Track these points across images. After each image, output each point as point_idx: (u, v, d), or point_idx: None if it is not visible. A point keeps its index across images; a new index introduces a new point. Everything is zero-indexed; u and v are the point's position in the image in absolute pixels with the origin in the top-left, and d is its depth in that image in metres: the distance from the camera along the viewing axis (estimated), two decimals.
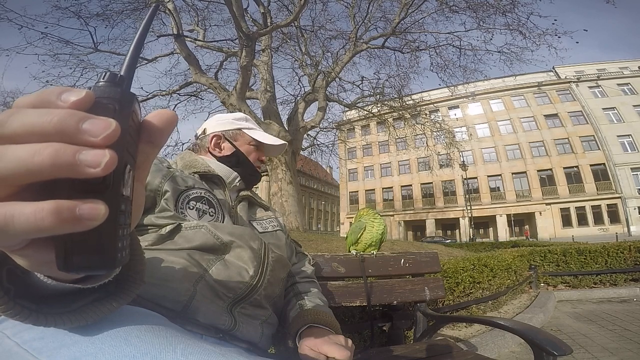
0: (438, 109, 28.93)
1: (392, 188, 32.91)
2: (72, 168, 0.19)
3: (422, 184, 31.37)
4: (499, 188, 28.87)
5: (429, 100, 25.89)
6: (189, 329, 0.56)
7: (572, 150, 26.82)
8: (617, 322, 2.64)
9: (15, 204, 0.18)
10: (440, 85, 10.52)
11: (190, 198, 0.69)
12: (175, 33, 7.71)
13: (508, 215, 27.49)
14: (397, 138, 11.79)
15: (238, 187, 0.87)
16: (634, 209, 23.97)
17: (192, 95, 10.35)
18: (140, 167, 0.26)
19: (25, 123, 0.19)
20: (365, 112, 11.75)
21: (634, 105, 26.10)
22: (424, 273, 1.43)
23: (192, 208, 0.68)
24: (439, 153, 13.70)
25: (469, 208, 23.43)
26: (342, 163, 25.58)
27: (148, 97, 9.38)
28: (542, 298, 3.27)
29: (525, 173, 27.92)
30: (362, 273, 1.29)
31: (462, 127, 27.78)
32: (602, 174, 25.67)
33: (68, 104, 0.20)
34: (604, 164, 25.65)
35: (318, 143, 11.92)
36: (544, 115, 28.60)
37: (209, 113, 10.75)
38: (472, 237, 22.34)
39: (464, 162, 20.88)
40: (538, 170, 27.56)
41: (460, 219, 28.97)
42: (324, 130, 11.89)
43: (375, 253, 1.37)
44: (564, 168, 26.74)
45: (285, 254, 0.82)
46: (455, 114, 29.89)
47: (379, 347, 1.36)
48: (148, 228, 0.64)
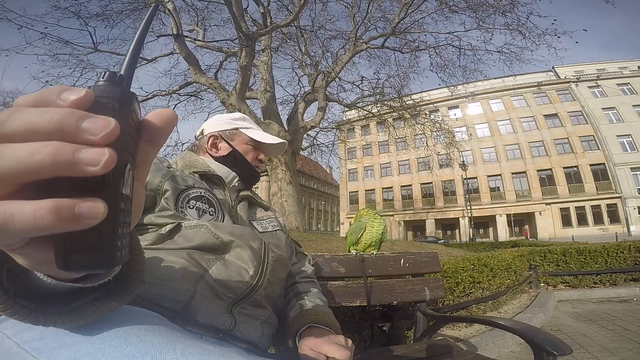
0: (438, 109, 28.97)
1: (392, 188, 32.92)
2: (71, 166, 0.19)
3: (422, 184, 31.38)
4: (499, 188, 28.87)
5: (429, 100, 25.97)
6: (189, 329, 0.56)
7: (571, 150, 26.84)
8: (617, 321, 2.64)
9: (15, 203, 0.18)
10: (440, 85, 10.54)
11: (191, 197, 0.69)
12: (175, 33, 7.70)
13: (508, 215, 27.51)
14: (397, 138, 11.80)
15: (237, 187, 0.87)
16: (634, 209, 23.99)
17: (191, 96, 10.34)
18: (140, 166, 0.26)
19: (25, 122, 0.19)
20: (365, 112, 11.74)
21: (634, 105, 26.12)
22: (424, 273, 1.43)
23: (192, 207, 0.68)
24: (439, 153, 13.68)
25: (469, 208, 23.46)
26: (342, 163, 25.62)
27: (148, 97, 9.38)
28: (542, 298, 3.27)
29: (525, 173, 27.93)
30: (362, 273, 1.29)
31: (461, 127, 27.80)
32: (601, 174, 25.70)
33: (68, 103, 0.20)
34: (604, 164, 25.67)
35: (318, 143, 11.91)
36: (544, 115, 28.61)
37: (209, 113, 10.75)
38: (472, 237, 22.35)
39: (464, 162, 20.89)
40: (538, 170, 27.58)
41: (460, 219, 28.98)
42: (324, 130, 11.89)
43: (375, 253, 1.37)
44: (564, 168, 26.76)
45: (285, 254, 0.82)
46: (455, 114, 29.89)
47: (379, 347, 1.36)
48: (148, 227, 0.64)
